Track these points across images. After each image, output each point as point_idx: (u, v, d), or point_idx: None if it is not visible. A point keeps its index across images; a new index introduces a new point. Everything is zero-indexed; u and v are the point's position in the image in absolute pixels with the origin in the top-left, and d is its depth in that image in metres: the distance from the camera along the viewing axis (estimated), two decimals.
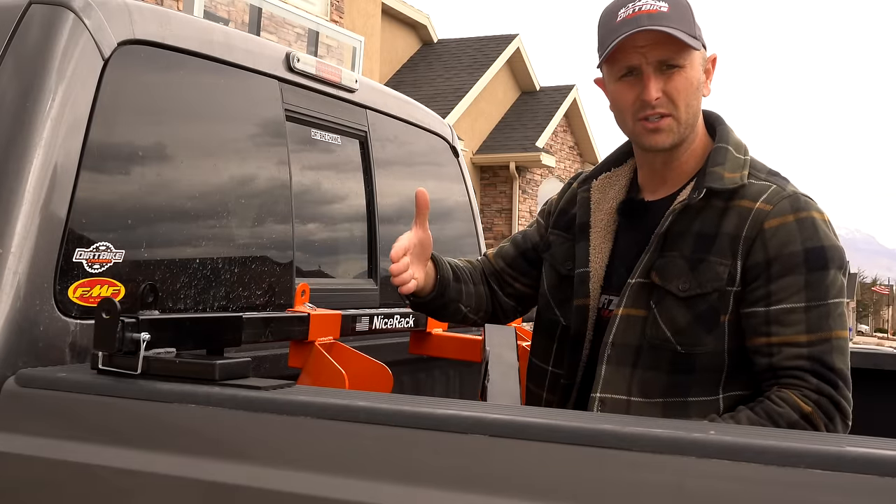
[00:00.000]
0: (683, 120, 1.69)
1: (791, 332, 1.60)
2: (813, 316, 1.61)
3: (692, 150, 1.76)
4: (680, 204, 1.69)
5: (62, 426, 1.50)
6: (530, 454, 1.20)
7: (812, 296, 1.61)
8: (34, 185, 1.61)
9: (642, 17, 1.65)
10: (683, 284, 1.65)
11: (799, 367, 1.59)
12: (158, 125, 1.88)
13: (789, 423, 1.55)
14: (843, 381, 1.60)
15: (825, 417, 1.57)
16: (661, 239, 1.69)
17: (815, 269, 1.62)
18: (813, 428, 1.56)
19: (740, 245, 1.63)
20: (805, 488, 1.06)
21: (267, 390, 1.40)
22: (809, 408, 1.56)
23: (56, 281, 1.63)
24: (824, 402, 1.57)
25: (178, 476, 1.37)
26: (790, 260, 1.62)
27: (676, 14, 1.66)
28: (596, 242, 1.82)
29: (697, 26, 1.70)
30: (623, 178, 1.88)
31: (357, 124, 2.56)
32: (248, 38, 2.19)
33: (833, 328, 1.61)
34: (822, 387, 1.58)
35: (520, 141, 17.19)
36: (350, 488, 1.26)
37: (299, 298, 2.10)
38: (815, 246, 1.63)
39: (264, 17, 9.82)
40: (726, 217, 1.66)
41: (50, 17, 1.71)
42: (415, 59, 17.99)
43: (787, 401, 1.57)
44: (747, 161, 1.74)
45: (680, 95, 1.67)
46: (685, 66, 1.67)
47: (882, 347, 3.33)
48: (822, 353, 1.59)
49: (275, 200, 2.17)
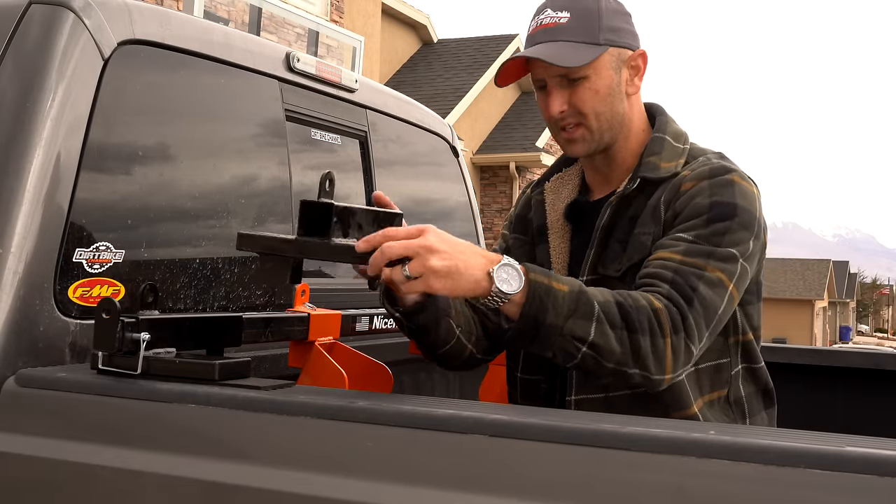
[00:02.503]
0: (595, 128, 1.71)
1: (667, 251, 1.58)
2: (695, 248, 1.56)
3: (629, 147, 1.77)
4: (616, 196, 1.72)
5: (62, 426, 1.50)
6: (530, 454, 1.20)
7: (703, 235, 1.58)
8: (34, 184, 1.61)
9: (540, 32, 1.68)
10: (617, 265, 1.67)
11: (660, 275, 1.54)
12: (158, 125, 1.88)
13: (638, 305, 1.47)
14: (700, 305, 1.52)
15: (671, 324, 1.48)
16: (603, 232, 1.71)
17: (716, 220, 1.58)
18: (657, 323, 1.47)
19: (661, 211, 1.65)
20: (805, 488, 1.06)
21: (267, 390, 1.40)
22: (660, 305, 1.49)
23: (56, 281, 1.63)
24: (673, 311, 1.49)
25: (178, 476, 1.37)
26: (694, 208, 1.61)
27: (576, 23, 1.67)
28: (555, 243, 1.84)
29: (608, 28, 1.69)
30: (575, 178, 1.90)
31: (357, 124, 2.56)
32: (248, 38, 2.19)
33: (710, 265, 1.55)
34: (675, 296, 1.51)
35: (520, 141, 17.19)
36: (350, 488, 1.26)
37: (299, 298, 2.10)
38: (725, 201, 1.60)
39: (264, 17, 9.83)
40: (653, 196, 1.68)
41: (50, 17, 1.71)
42: (415, 59, 17.98)
43: (642, 294, 1.51)
44: (686, 150, 1.75)
45: (586, 105, 1.69)
46: (588, 76, 1.68)
47: (882, 347, 3.33)
48: (688, 275, 1.53)
49: (275, 200, 2.17)
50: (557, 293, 1.44)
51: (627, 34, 1.74)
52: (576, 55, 1.66)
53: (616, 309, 1.47)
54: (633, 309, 1.47)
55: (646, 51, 1.76)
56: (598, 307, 1.46)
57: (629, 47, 1.73)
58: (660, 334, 1.47)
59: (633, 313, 1.46)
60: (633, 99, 1.76)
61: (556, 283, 1.46)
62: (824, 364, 2.63)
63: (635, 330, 1.46)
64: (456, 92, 16.26)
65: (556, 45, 1.66)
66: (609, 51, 1.69)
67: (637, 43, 1.76)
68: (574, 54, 1.66)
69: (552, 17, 1.69)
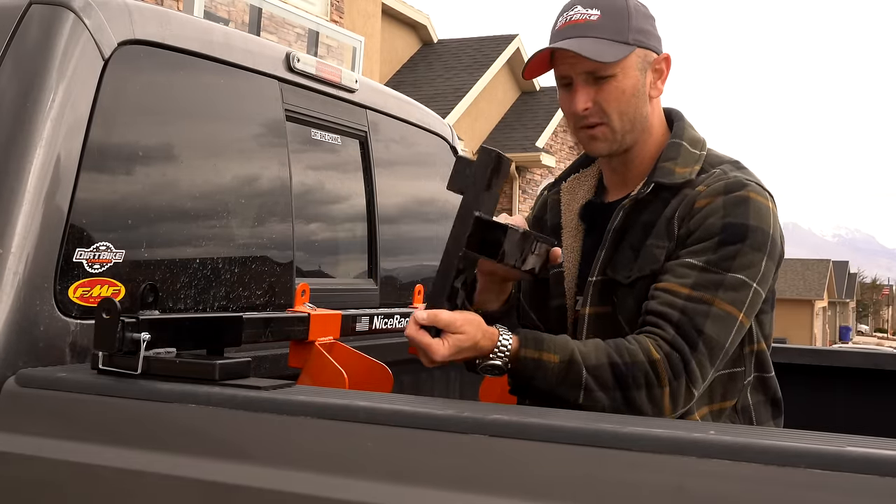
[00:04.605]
0: (618, 128, 1.71)
1: (676, 282, 1.59)
2: (704, 278, 1.58)
3: (647, 150, 1.77)
4: (630, 199, 1.72)
5: (62, 426, 1.50)
6: (530, 454, 1.20)
7: (713, 260, 1.59)
8: (34, 185, 1.61)
9: (569, 28, 1.68)
10: (628, 273, 1.67)
11: (665, 314, 1.57)
12: (159, 125, 1.88)
13: (633, 360, 1.52)
14: (706, 346, 1.55)
15: (671, 372, 1.53)
16: (615, 234, 1.71)
17: (727, 243, 1.60)
18: (654, 376, 1.52)
19: (675, 226, 1.65)
20: (805, 488, 1.06)
21: (267, 390, 1.40)
22: (658, 356, 1.53)
23: (56, 281, 1.63)
24: (674, 358, 1.53)
25: (178, 476, 1.37)
26: (707, 230, 1.62)
27: (607, 21, 1.66)
28: (567, 242, 1.84)
29: (637, 29, 1.69)
30: (591, 179, 1.90)
31: (357, 124, 2.56)
32: (248, 38, 2.19)
33: (718, 297, 1.57)
34: (678, 342, 1.54)
35: (520, 141, 17.17)
36: (350, 488, 1.26)
37: (299, 298, 2.10)
38: (737, 222, 1.61)
39: (264, 17, 9.82)
40: (669, 205, 1.69)
41: (50, 17, 1.71)
42: (415, 59, 17.97)
43: (640, 342, 1.55)
44: (702, 156, 1.75)
45: (611, 105, 1.69)
46: (616, 74, 1.67)
47: (882, 347, 3.33)
48: (696, 312, 1.56)
49: (275, 200, 2.17)
50: (547, 365, 1.53)
51: (653, 37, 1.74)
52: (608, 51, 1.65)
53: (609, 371, 1.53)
54: (628, 366, 1.53)
55: (670, 55, 1.76)
56: (586, 375, 1.53)
57: (655, 50, 1.73)
58: (657, 384, 1.53)
59: (627, 371, 1.52)
60: (654, 102, 1.76)
61: (546, 354, 1.54)
62: (824, 364, 2.63)
63: (628, 387, 1.53)
64: (456, 92, 16.24)
65: (588, 41, 1.65)
66: (636, 51, 1.69)
67: (661, 47, 1.75)
68: (606, 50, 1.65)
69: (582, 14, 1.68)
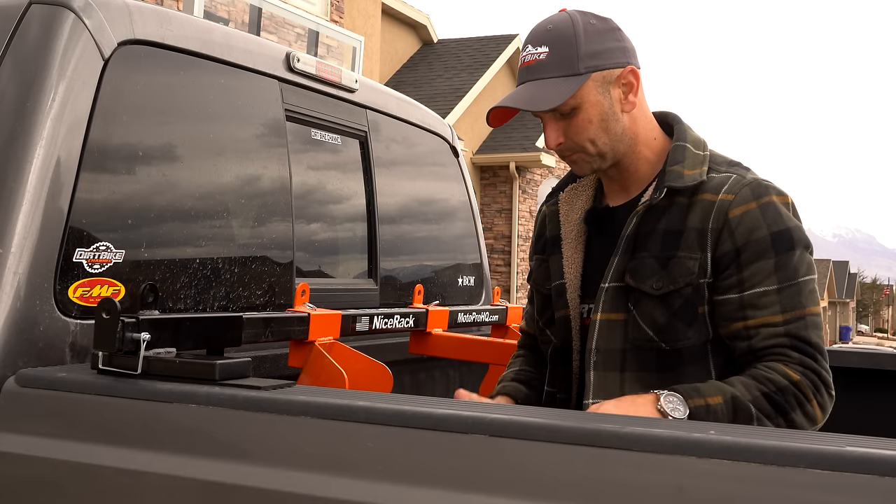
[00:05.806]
0: (595, 152, 1.73)
1: (767, 314, 1.64)
2: (785, 296, 1.64)
3: (643, 157, 1.78)
4: (643, 205, 1.72)
5: (62, 426, 1.50)
6: (530, 454, 1.20)
7: (783, 277, 1.65)
8: (34, 184, 1.61)
9: (523, 71, 1.72)
10: (657, 283, 1.68)
11: (778, 344, 1.63)
12: (159, 125, 1.88)
13: (778, 387, 1.59)
14: (821, 354, 1.65)
15: (813, 387, 1.61)
16: (629, 241, 1.72)
17: (782, 252, 1.66)
18: (802, 395, 1.59)
19: (708, 237, 1.67)
20: (805, 488, 1.06)
21: (267, 390, 1.40)
22: (798, 376, 1.60)
23: (56, 281, 1.63)
24: (809, 374, 1.61)
25: (178, 476, 1.37)
26: (758, 245, 1.65)
27: (555, 58, 1.68)
28: (568, 253, 1.84)
29: (589, 54, 1.68)
30: (589, 188, 1.90)
31: (357, 124, 2.56)
32: (248, 38, 2.19)
33: (806, 305, 1.66)
34: (805, 360, 1.62)
35: (520, 141, 17.17)
36: (350, 488, 1.26)
37: (299, 298, 2.10)
38: (781, 229, 1.66)
39: (264, 17, 9.82)
40: (691, 212, 1.69)
41: (50, 17, 1.71)
42: (415, 59, 17.97)
43: (776, 368, 1.61)
44: (707, 156, 1.76)
45: (580, 136, 1.71)
46: (578, 106, 1.69)
47: (882, 347, 3.33)
48: (798, 329, 1.64)
49: (275, 200, 2.17)
50: (715, 408, 1.58)
51: (613, 53, 1.71)
52: (554, 93, 1.66)
53: (766, 402, 1.58)
54: (779, 393, 1.59)
55: (635, 66, 1.73)
56: (754, 410, 1.58)
57: (616, 66, 1.71)
58: (806, 402, 1.61)
59: (780, 398, 1.59)
60: (633, 113, 1.75)
61: (709, 398, 1.59)
62: None
63: (787, 412, 1.59)
64: (456, 92, 16.24)
65: (536, 86, 1.68)
66: (592, 77, 1.68)
67: (626, 58, 1.72)
68: (552, 93, 1.66)
69: (532, 55, 1.70)
